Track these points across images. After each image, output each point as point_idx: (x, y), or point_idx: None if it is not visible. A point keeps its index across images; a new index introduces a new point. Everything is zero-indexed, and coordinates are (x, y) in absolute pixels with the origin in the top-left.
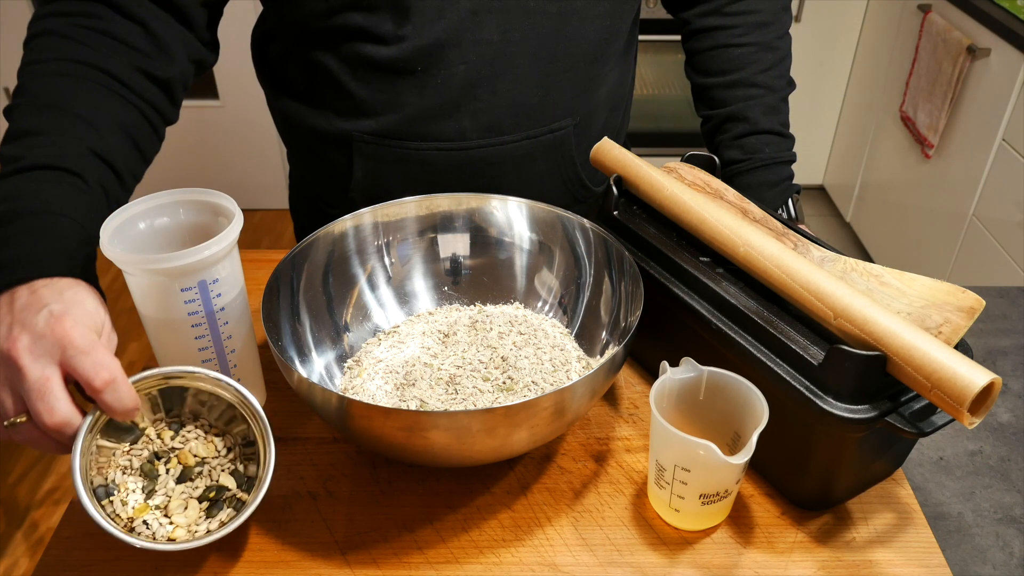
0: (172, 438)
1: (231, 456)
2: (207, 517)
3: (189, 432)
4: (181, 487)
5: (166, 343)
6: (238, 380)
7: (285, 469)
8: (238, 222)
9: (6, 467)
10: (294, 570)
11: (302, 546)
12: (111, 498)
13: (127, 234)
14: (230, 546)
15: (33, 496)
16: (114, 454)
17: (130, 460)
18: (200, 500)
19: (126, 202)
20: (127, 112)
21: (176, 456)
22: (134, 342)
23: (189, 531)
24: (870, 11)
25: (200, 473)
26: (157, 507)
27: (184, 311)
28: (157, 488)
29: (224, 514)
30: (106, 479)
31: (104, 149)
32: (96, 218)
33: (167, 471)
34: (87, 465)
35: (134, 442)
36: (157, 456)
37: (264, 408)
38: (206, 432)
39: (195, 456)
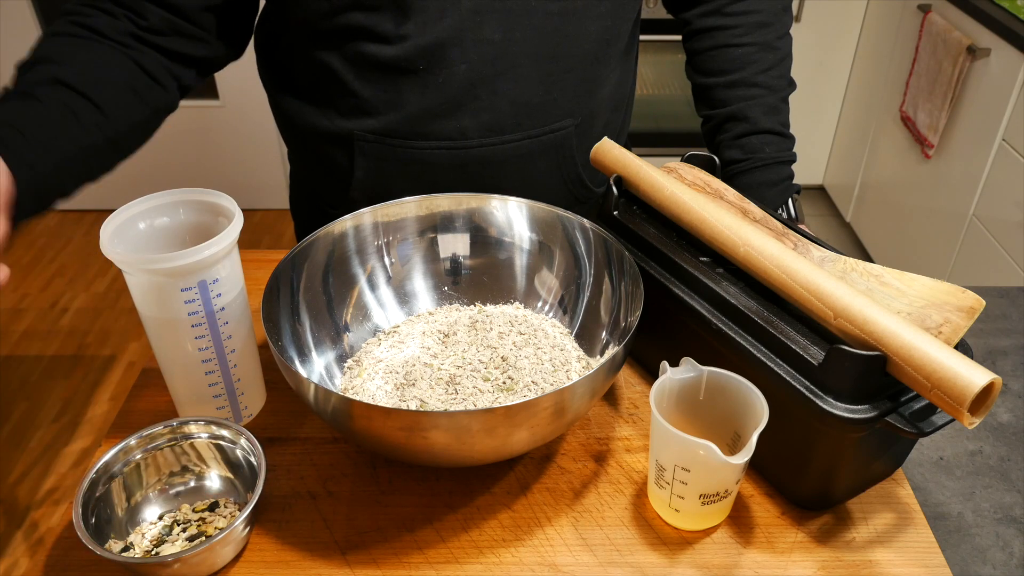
0: (203, 509)
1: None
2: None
3: (222, 510)
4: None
5: (166, 343)
6: (237, 380)
7: (285, 469)
8: (238, 222)
9: (6, 467)
10: (294, 570)
11: (302, 546)
12: (129, 551)
13: (127, 234)
14: None
15: (33, 496)
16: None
17: (155, 527)
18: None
19: (110, 127)
20: (116, 57)
21: (200, 526)
22: (134, 342)
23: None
24: (870, 11)
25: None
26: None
27: (184, 311)
28: (166, 540)
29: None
30: (127, 539)
31: (75, 80)
32: (37, 122)
33: (183, 532)
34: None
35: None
36: (178, 522)
37: (264, 408)
38: (235, 504)
39: (217, 528)
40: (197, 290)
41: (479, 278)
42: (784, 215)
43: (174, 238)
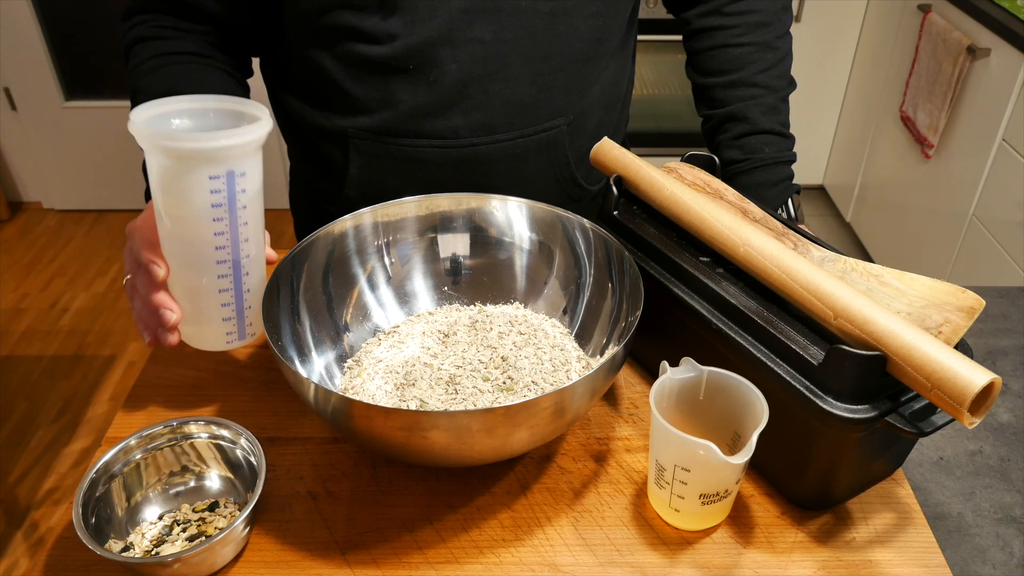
0: (203, 509)
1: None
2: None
3: (222, 510)
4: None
5: (183, 243)
6: (247, 291)
7: (285, 469)
8: (267, 121)
9: (6, 467)
10: (294, 570)
11: (302, 546)
12: (129, 551)
13: (159, 127)
14: None
15: (33, 496)
16: (144, 522)
17: (155, 527)
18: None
19: None
20: (218, 75)
21: (200, 526)
22: (134, 342)
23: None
24: (870, 11)
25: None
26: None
27: (208, 202)
28: (166, 540)
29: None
30: (127, 539)
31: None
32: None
33: (183, 532)
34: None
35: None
36: (178, 522)
37: (262, 408)
38: (235, 504)
39: (217, 528)
40: (224, 180)
41: (479, 278)
42: (784, 215)
43: None
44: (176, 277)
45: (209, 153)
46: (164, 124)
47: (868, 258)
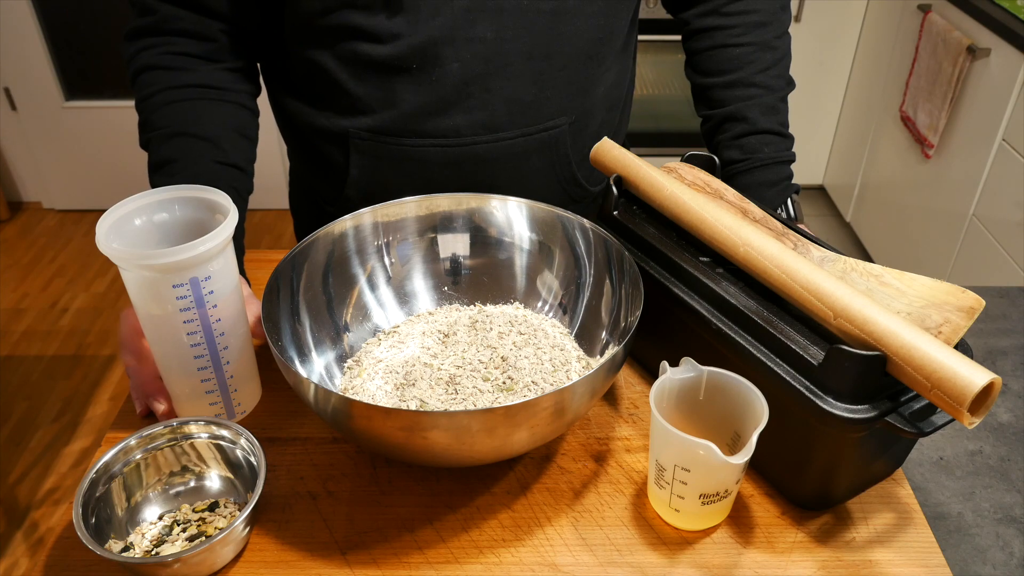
0: (203, 509)
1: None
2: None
3: (222, 510)
4: (184, 536)
5: (160, 338)
6: (231, 377)
7: (285, 469)
8: (232, 219)
9: (6, 467)
10: (294, 570)
11: (302, 546)
12: (129, 551)
13: (123, 230)
14: None
15: (33, 496)
16: (144, 521)
17: (155, 527)
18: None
19: (251, 189)
20: (228, 110)
21: (200, 526)
22: None
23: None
24: (870, 11)
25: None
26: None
27: (176, 307)
28: (166, 540)
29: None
30: (127, 539)
31: (223, 156)
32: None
33: (183, 532)
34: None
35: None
36: (178, 522)
37: (262, 408)
38: (235, 504)
39: (216, 528)
40: (188, 287)
41: (479, 278)
42: (784, 215)
43: (170, 234)
44: (161, 364)
45: (167, 266)
46: (128, 225)
47: (868, 258)
